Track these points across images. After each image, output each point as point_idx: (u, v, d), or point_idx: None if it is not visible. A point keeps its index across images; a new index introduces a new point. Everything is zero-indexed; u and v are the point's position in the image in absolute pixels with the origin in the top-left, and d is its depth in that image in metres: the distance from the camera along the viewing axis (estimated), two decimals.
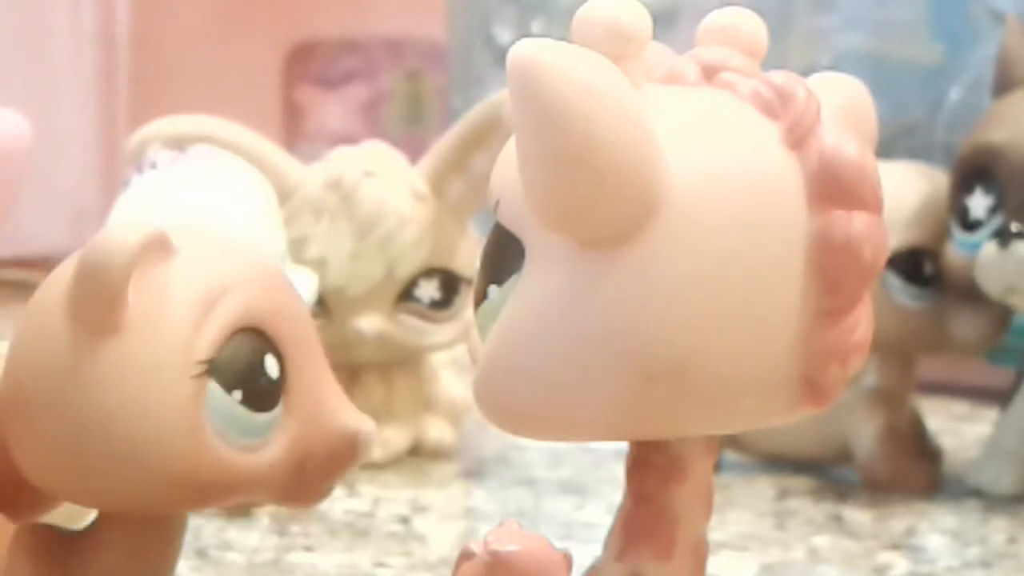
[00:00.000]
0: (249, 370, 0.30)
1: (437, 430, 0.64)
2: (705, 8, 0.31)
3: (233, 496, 0.31)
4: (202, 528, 0.50)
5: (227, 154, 0.55)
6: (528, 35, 0.28)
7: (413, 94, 1.31)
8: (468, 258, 0.61)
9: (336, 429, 0.31)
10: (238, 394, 0.30)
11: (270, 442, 0.31)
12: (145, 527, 0.32)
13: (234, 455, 0.30)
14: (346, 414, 0.32)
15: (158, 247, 0.30)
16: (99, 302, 0.29)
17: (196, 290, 0.30)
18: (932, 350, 0.59)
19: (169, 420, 0.29)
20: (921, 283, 0.58)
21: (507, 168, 0.28)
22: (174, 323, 0.30)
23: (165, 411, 0.29)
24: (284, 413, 0.31)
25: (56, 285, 0.31)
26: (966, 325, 0.58)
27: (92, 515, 0.33)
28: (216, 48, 1.29)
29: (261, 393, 0.30)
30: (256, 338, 0.30)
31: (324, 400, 0.32)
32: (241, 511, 0.51)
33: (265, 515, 0.52)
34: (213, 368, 0.30)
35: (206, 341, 0.30)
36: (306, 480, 0.31)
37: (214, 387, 0.30)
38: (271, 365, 0.31)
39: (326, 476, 0.32)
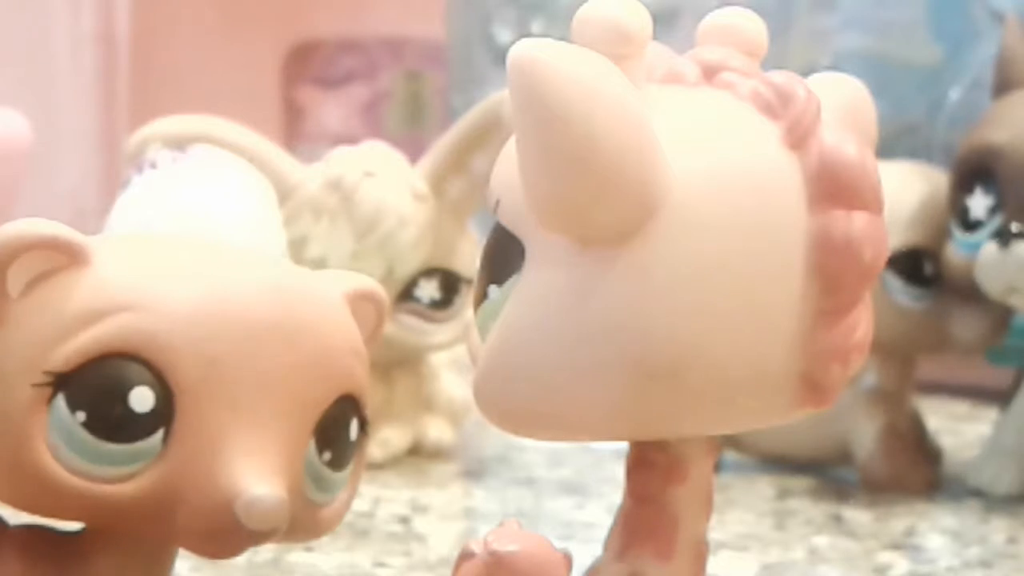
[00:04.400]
0: (103, 395, 0.29)
1: (437, 430, 0.64)
2: (705, 8, 0.31)
3: (86, 518, 0.30)
4: None
5: (227, 154, 0.55)
6: (528, 35, 0.28)
7: (413, 94, 1.31)
8: (468, 258, 0.61)
9: (212, 488, 0.29)
10: (81, 415, 0.29)
11: (133, 477, 0.29)
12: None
13: (68, 477, 0.29)
14: (241, 477, 0.29)
15: (60, 252, 0.29)
16: None
17: (81, 302, 0.29)
18: (932, 350, 0.60)
19: (7, 424, 0.29)
20: (921, 283, 0.58)
21: (507, 168, 0.29)
22: (43, 328, 0.29)
23: (6, 414, 0.29)
24: (164, 453, 0.29)
25: None
26: (966, 325, 0.58)
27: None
28: (216, 48, 1.29)
29: (114, 422, 0.29)
30: (132, 367, 0.29)
31: (219, 455, 0.29)
32: None
33: None
34: (63, 383, 0.29)
35: (63, 353, 0.29)
36: (181, 532, 0.29)
37: (59, 402, 0.29)
38: (139, 398, 0.29)
39: (201, 535, 0.29)
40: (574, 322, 0.27)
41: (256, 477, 0.29)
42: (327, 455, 0.31)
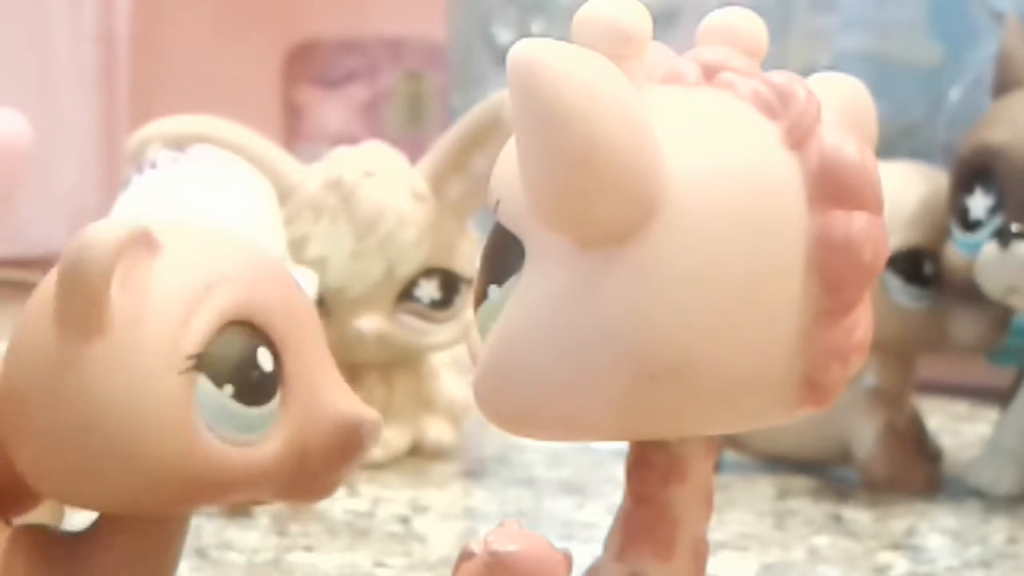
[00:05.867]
0: (240, 364, 0.30)
1: (437, 430, 0.64)
2: (705, 8, 0.31)
3: (232, 493, 0.31)
4: (202, 528, 0.50)
5: (227, 154, 0.55)
6: (528, 35, 0.27)
7: (413, 94, 1.31)
8: (468, 258, 0.61)
9: (336, 420, 0.31)
10: (229, 388, 0.30)
11: (268, 437, 0.30)
12: (144, 529, 0.32)
13: (229, 451, 0.30)
14: (347, 404, 0.32)
15: (141, 245, 0.30)
16: (81, 304, 0.29)
17: (181, 286, 0.30)
18: (932, 350, 0.60)
19: (158, 417, 0.29)
20: (921, 283, 0.58)
21: (507, 168, 0.28)
22: (159, 320, 0.30)
23: (154, 408, 0.29)
24: (281, 407, 0.31)
25: (47, 287, 0.30)
26: (966, 325, 0.58)
27: (87, 516, 0.33)
28: (216, 48, 1.29)
29: (254, 387, 0.30)
30: (247, 331, 0.30)
31: (323, 392, 0.31)
32: (243, 510, 0.51)
33: (265, 515, 0.52)
34: (202, 363, 0.30)
35: (193, 336, 0.30)
36: (308, 475, 0.31)
37: (204, 382, 0.30)
38: (264, 358, 0.30)
39: (329, 469, 0.32)
40: (574, 322, 0.27)
41: (360, 405, 0.32)
42: None
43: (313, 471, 0.31)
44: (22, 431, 0.30)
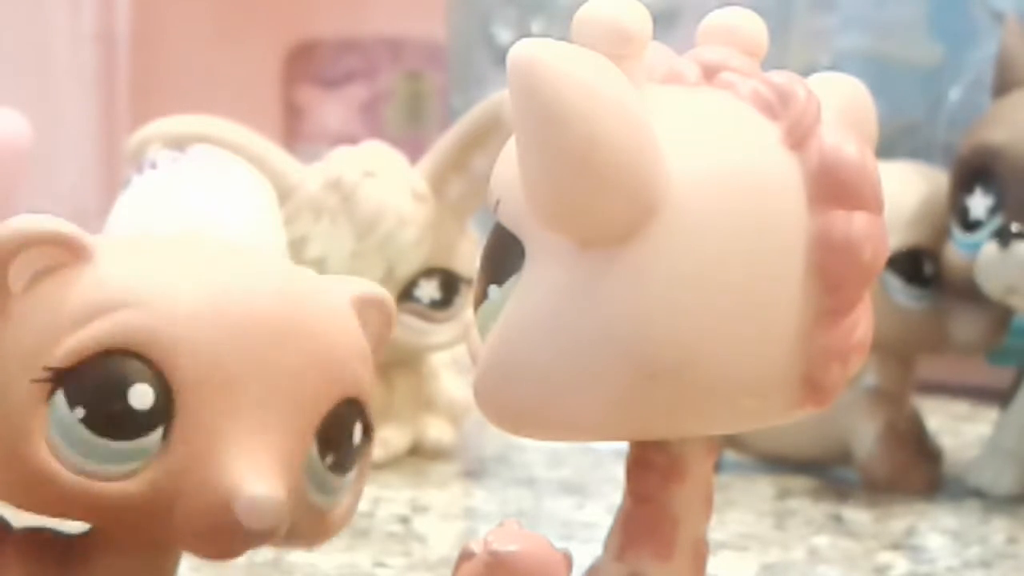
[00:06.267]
0: (102, 392, 0.29)
1: (437, 430, 0.64)
2: (705, 8, 0.31)
3: (89, 517, 0.30)
4: None
5: (227, 154, 0.55)
6: (528, 35, 0.27)
7: (413, 94, 1.31)
8: (468, 258, 0.61)
9: (217, 487, 0.28)
10: (80, 411, 0.29)
11: (133, 474, 0.29)
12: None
13: (67, 474, 0.29)
14: (239, 477, 0.28)
15: (62, 248, 0.29)
16: None
17: (82, 298, 0.29)
18: (932, 350, 0.60)
19: (7, 419, 0.29)
20: (921, 283, 0.58)
21: (507, 168, 0.29)
22: (43, 324, 0.29)
23: (6, 410, 0.29)
24: (162, 452, 0.29)
25: None
26: (966, 325, 0.58)
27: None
28: (216, 48, 1.29)
29: (114, 420, 0.29)
30: (132, 364, 0.29)
31: (222, 455, 0.29)
32: None
33: None
34: (63, 379, 0.29)
35: (63, 349, 0.29)
36: (180, 531, 0.29)
37: (60, 398, 0.29)
38: (139, 396, 0.29)
39: (201, 535, 0.29)
40: (574, 322, 0.27)
41: (255, 476, 0.28)
42: (329, 458, 0.31)
43: (182, 530, 0.29)
44: None
